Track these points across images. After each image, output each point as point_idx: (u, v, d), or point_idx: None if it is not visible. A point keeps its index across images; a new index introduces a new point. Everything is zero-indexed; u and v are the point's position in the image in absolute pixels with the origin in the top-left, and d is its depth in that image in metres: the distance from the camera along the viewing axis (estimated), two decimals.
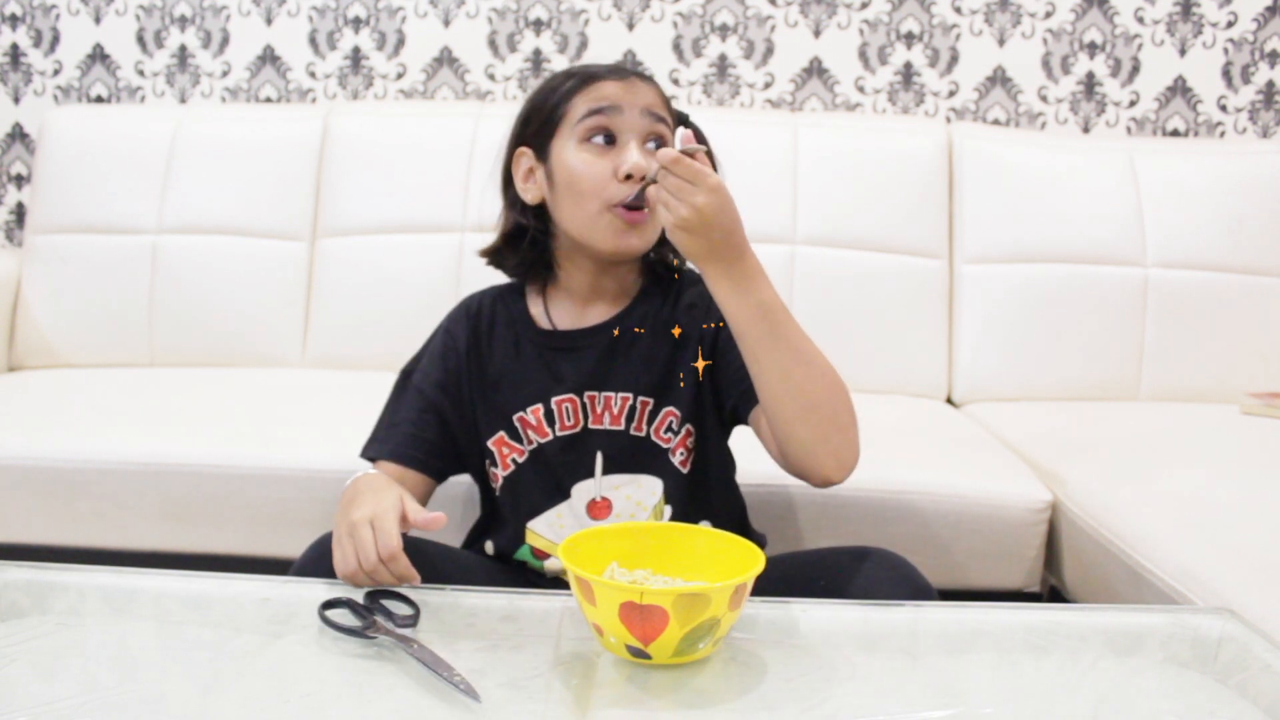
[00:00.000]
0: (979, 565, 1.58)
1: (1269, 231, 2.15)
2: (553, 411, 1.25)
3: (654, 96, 1.21)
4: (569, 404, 1.25)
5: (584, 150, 1.18)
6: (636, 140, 1.18)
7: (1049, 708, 0.91)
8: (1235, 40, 2.36)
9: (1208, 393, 2.09)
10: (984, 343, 2.13)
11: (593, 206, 1.17)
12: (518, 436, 1.26)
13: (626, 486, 1.25)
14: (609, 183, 1.16)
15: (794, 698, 0.88)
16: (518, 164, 1.25)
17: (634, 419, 1.24)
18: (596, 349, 1.25)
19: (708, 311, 1.23)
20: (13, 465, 1.62)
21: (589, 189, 1.17)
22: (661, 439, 1.25)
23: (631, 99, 1.18)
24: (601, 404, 1.25)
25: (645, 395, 1.24)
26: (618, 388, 1.24)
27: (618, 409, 1.24)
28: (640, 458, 1.25)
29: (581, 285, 1.27)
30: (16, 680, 0.87)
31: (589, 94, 1.19)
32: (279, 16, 2.42)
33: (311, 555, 1.12)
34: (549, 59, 2.40)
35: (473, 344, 1.28)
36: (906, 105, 2.39)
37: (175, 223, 2.18)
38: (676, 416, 1.24)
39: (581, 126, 1.18)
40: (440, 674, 0.87)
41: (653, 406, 1.24)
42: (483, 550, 1.32)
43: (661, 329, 1.26)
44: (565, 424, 1.25)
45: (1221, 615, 1.05)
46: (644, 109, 1.18)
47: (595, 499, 1.25)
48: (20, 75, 2.47)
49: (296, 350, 2.17)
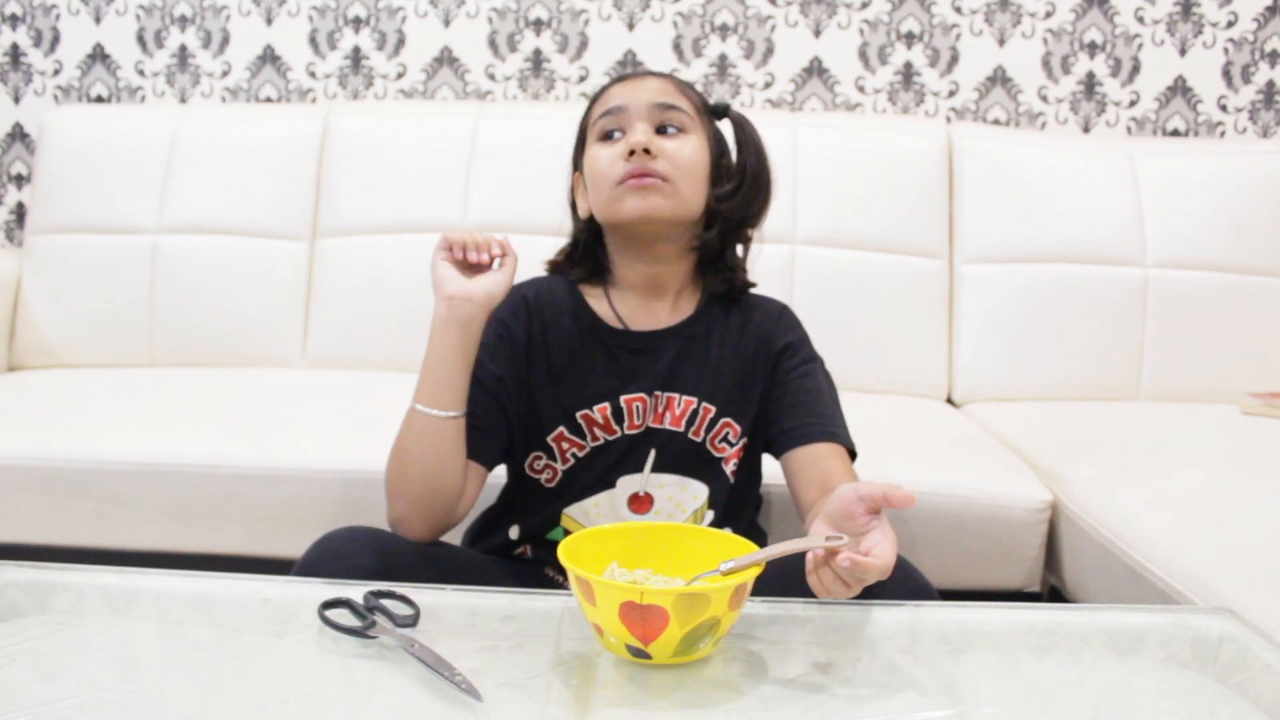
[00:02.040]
0: (979, 565, 1.58)
1: (1269, 231, 2.15)
2: (621, 409, 1.27)
3: (659, 86, 1.27)
4: (639, 403, 1.27)
5: (596, 147, 1.26)
6: (644, 125, 1.23)
7: (1049, 708, 0.91)
8: (1235, 40, 2.36)
9: (1208, 393, 2.09)
10: (984, 343, 2.13)
11: (606, 189, 1.23)
12: (580, 432, 1.27)
13: (671, 487, 1.27)
14: (615, 163, 1.23)
15: (794, 698, 0.88)
16: (576, 188, 1.34)
17: (694, 423, 1.27)
18: (670, 350, 1.28)
19: (774, 333, 1.31)
20: (13, 465, 1.62)
21: (602, 174, 1.24)
22: (716, 448, 1.28)
23: (635, 96, 1.25)
24: (665, 404, 1.27)
25: (709, 402, 1.27)
26: (685, 390, 1.27)
27: (680, 410, 1.27)
28: (693, 462, 1.27)
29: (638, 281, 1.29)
30: (16, 680, 0.87)
31: (601, 103, 1.28)
32: (279, 16, 2.42)
33: (312, 555, 1.12)
34: (549, 59, 2.40)
35: (533, 337, 1.28)
36: (906, 105, 2.40)
37: (175, 223, 2.18)
38: (734, 429, 1.28)
39: (596, 129, 1.27)
40: (441, 674, 0.87)
41: (714, 415, 1.27)
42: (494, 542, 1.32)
43: (731, 340, 1.30)
44: (634, 423, 1.27)
45: (1221, 615, 1.05)
46: (649, 102, 1.25)
47: (639, 493, 1.27)
48: (20, 75, 2.47)
49: (296, 350, 2.17)
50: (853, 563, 0.90)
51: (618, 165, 1.22)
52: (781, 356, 1.29)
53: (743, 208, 1.29)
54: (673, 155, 1.22)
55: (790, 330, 1.32)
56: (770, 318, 1.33)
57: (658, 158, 1.21)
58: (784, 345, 1.30)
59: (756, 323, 1.31)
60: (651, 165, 1.21)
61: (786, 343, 1.30)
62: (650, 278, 1.29)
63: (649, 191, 1.21)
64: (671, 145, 1.23)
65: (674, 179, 1.22)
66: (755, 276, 1.35)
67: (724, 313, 1.31)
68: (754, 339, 1.30)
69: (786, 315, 1.35)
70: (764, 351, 1.29)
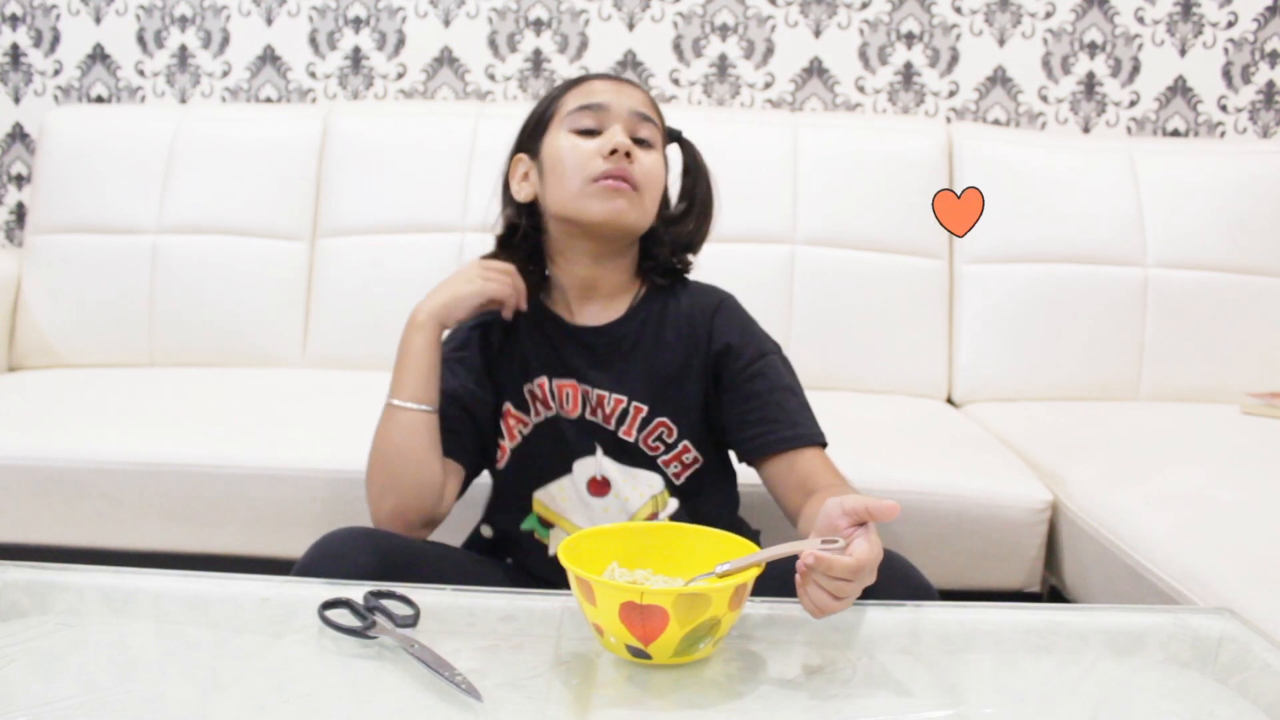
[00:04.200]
0: (979, 565, 1.58)
1: (1269, 231, 2.15)
2: (555, 392, 1.27)
3: (642, 98, 1.27)
4: (570, 389, 1.26)
5: (571, 137, 1.23)
6: (621, 129, 1.22)
7: (1049, 708, 0.91)
8: (1235, 40, 2.36)
9: (1208, 393, 2.09)
10: (984, 343, 2.13)
11: (577, 181, 1.22)
12: (525, 407, 1.28)
13: (622, 474, 1.26)
14: (593, 158, 1.21)
15: (794, 698, 0.88)
16: (515, 170, 1.30)
17: (625, 423, 1.26)
18: (600, 348, 1.27)
19: (710, 332, 1.26)
20: (13, 465, 1.62)
21: (573, 166, 1.22)
22: (650, 447, 1.26)
23: (619, 99, 1.25)
24: (597, 400, 1.26)
25: (640, 402, 1.25)
26: (613, 388, 1.26)
27: (610, 409, 1.26)
28: (631, 459, 1.26)
29: (576, 279, 1.28)
30: (16, 680, 0.87)
31: (580, 91, 1.26)
32: (279, 16, 2.42)
33: (311, 555, 1.12)
34: (549, 59, 2.40)
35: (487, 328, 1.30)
36: (906, 105, 2.39)
37: (175, 223, 2.18)
38: (670, 429, 1.26)
39: (570, 118, 1.24)
40: (440, 674, 0.87)
41: (646, 415, 1.25)
42: (480, 540, 1.32)
43: (665, 339, 1.27)
44: (565, 407, 1.27)
45: (1221, 615, 1.05)
46: (630, 109, 1.24)
47: (595, 476, 1.26)
48: (20, 75, 2.47)
49: (296, 350, 2.17)
50: (816, 559, 0.90)
51: (595, 162, 1.21)
52: (723, 359, 1.26)
53: (689, 233, 1.31)
54: (646, 167, 1.23)
55: (728, 329, 1.27)
56: (704, 315, 1.28)
57: (634, 164, 1.21)
58: (723, 347, 1.26)
59: (690, 320, 1.28)
60: (629, 170, 1.21)
61: (725, 344, 1.26)
62: (587, 276, 1.28)
63: (620, 195, 1.21)
64: (646, 158, 1.24)
65: (642, 190, 1.22)
66: (756, 276, 1.35)
67: (659, 310, 1.29)
68: (687, 339, 1.27)
69: (723, 311, 1.29)
70: (699, 354, 1.26)
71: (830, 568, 0.89)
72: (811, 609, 0.93)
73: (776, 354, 1.29)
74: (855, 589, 0.91)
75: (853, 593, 0.91)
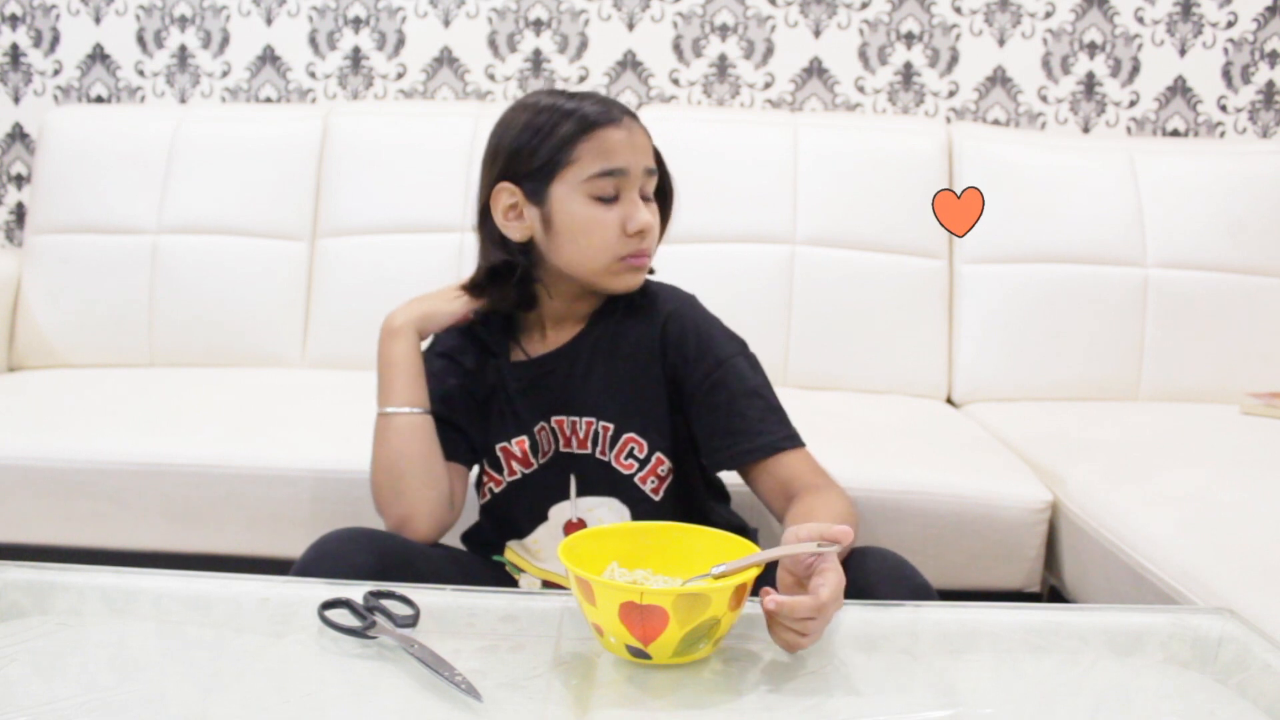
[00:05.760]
0: (979, 565, 1.58)
1: (1269, 231, 2.15)
2: (537, 442, 1.26)
3: (647, 144, 1.23)
4: (543, 432, 1.26)
5: (593, 206, 1.19)
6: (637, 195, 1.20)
7: (1049, 708, 0.91)
8: (1235, 40, 2.36)
9: (1208, 393, 2.09)
10: (984, 343, 2.13)
11: (602, 259, 1.20)
12: (499, 466, 1.27)
13: (599, 509, 1.25)
14: (618, 237, 1.19)
15: (794, 698, 0.88)
16: (498, 199, 1.22)
17: (598, 443, 1.25)
18: (560, 373, 1.26)
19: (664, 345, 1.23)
20: (13, 465, 1.62)
21: (599, 243, 1.20)
22: (623, 465, 1.24)
23: (634, 159, 1.20)
24: (569, 428, 1.25)
25: (605, 420, 1.24)
26: (580, 411, 1.25)
27: (584, 433, 1.25)
28: (608, 481, 1.25)
29: (555, 311, 1.27)
30: (16, 680, 0.87)
31: (596, 146, 1.18)
32: (279, 16, 2.42)
33: (310, 555, 1.12)
34: (549, 59, 2.40)
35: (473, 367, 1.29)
36: (906, 105, 2.39)
37: (175, 222, 2.18)
38: (640, 444, 1.24)
39: (592, 184, 1.18)
40: (440, 674, 0.87)
41: (614, 431, 1.24)
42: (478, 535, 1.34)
43: (621, 351, 1.25)
44: (545, 451, 1.26)
45: (1221, 615, 1.05)
46: (644, 168, 1.21)
47: (571, 520, 1.26)
48: (20, 75, 2.47)
49: (296, 350, 2.17)
50: (777, 604, 0.90)
51: (620, 242, 1.19)
52: (680, 369, 1.22)
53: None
54: (654, 231, 1.23)
55: (681, 340, 1.23)
56: (655, 324, 1.24)
57: (649, 237, 1.21)
58: (678, 359, 1.22)
59: (643, 330, 1.24)
60: (647, 247, 1.21)
61: (681, 356, 1.22)
62: (569, 310, 1.27)
63: (640, 271, 1.23)
64: (653, 217, 1.22)
65: (651, 254, 1.24)
66: (756, 276, 1.35)
67: (614, 324, 1.26)
68: (643, 349, 1.24)
69: (675, 319, 1.24)
70: (654, 365, 1.24)
71: (794, 610, 0.90)
72: (784, 645, 0.93)
73: (739, 355, 1.24)
74: (821, 624, 0.91)
75: (819, 628, 0.91)
